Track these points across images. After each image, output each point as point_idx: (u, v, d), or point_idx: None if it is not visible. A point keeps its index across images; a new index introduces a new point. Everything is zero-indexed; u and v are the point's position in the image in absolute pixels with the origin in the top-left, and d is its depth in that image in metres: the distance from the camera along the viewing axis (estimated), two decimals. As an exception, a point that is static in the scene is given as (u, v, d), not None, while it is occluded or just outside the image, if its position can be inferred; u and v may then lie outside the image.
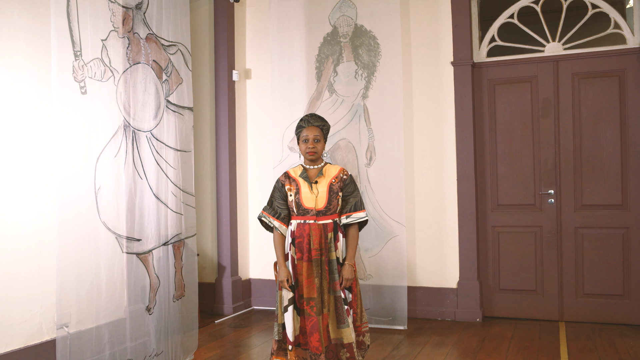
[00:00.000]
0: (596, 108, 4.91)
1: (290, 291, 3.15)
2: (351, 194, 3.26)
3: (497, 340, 4.47)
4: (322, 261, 3.15)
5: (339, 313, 3.14)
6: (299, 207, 3.17)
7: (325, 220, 3.18)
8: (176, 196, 4.20)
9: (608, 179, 4.87)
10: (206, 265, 5.69)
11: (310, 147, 3.18)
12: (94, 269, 3.62)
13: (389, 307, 4.99)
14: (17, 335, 3.51)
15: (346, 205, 3.25)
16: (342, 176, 3.25)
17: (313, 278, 3.12)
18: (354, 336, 3.16)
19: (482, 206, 5.21)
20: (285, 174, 3.30)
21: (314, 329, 3.07)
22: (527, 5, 5.10)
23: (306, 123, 3.22)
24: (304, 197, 3.17)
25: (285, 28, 5.47)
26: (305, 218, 3.17)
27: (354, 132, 5.20)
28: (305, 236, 3.14)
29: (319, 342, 3.05)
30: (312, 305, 3.10)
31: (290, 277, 3.16)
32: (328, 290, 3.15)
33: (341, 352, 3.15)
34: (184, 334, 4.22)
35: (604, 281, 4.88)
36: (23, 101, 3.59)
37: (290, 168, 3.35)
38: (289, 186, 3.22)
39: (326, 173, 3.24)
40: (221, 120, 5.63)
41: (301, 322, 3.16)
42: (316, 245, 3.13)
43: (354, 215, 3.24)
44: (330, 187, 3.19)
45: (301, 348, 3.17)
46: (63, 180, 3.46)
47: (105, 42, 3.79)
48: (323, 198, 3.17)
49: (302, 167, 3.27)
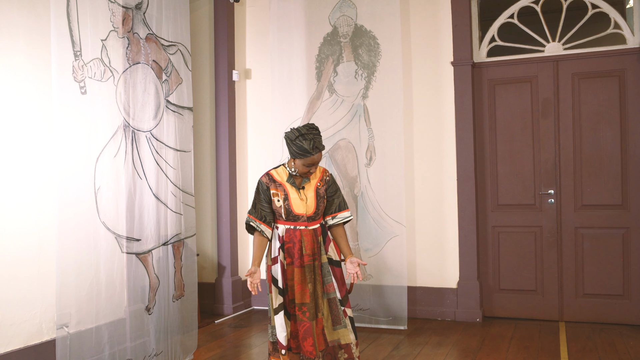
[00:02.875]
0: (596, 108, 4.91)
1: (251, 275, 3.04)
2: (334, 194, 3.23)
3: (497, 340, 4.47)
4: (315, 266, 3.13)
5: (334, 314, 3.13)
6: (289, 213, 3.11)
7: (314, 225, 3.16)
8: (176, 196, 4.20)
9: (608, 179, 4.87)
10: (206, 265, 5.68)
11: (312, 171, 3.11)
12: (93, 269, 3.63)
13: (389, 307, 4.99)
14: (17, 335, 3.51)
15: (331, 206, 3.22)
16: (326, 178, 3.22)
17: (306, 284, 3.09)
18: (352, 337, 3.14)
19: (482, 206, 5.21)
20: (269, 177, 3.16)
21: (307, 333, 3.04)
22: (527, 5, 5.10)
23: (315, 151, 3.02)
24: (294, 204, 3.10)
25: (285, 28, 5.47)
26: (295, 224, 3.13)
27: (354, 132, 5.20)
28: (296, 242, 3.11)
29: (312, 347, 3.03)
30: (305, 311, 3.07)
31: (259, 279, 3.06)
32: (322, 295, 3.14)
33: (339, 354, 3.14)
34: (184, 334, 4.22)
35: (603, 281, 4.88)
36: (23, 101, 3.59)
37: (273, 169, 3.23)
38: (275, 190, 3.13)
39: (311, 177, 3.18)
40: (221, 120, 5.63)
41: (292, 327, 3.13)
42: (309, 251, 3.11)
43: (339, 216, 3.23)
44: (317, 191, 3.16)
45: (292, 352, 3.15)
46: (63, 180, 3.46)
47: (105, 42, 3.79)
48: (312, 204, 3.13)
49: (287, 172, 3.17)
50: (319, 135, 3.08)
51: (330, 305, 3.14)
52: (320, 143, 3.05)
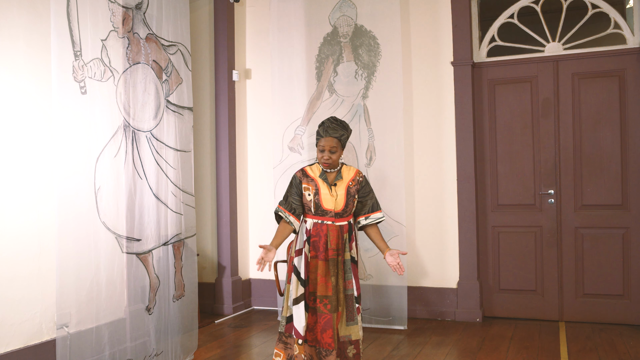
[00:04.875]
0: (596, 108, 4.91)
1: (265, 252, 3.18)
2: (368, 196, 3.36)
3: (497, 340, 4.47)
4: (339, 261, 3.24)
5: (350, 311, 3.24)
6: (318, 207, 3.24)
7: (342, 222, 3.26)
8: (176, 196, 4.20)
9: (608, 179, 4.87)
10: (206, 265, 5.68)
11: (326, 159, 3.23)
12: (93, 269, 3.62)
13: (389, 307, 4.99)
14: (17, 335, 3.51)
15: (364, 207, 3.36)
16: (359, 179, 3.34)
17: (329, 277, 3.20)
18: (361, 333, 3.26)
19: (482, 206, 5.21)
20: (303, 172, 3.33)
21: (328, 325, 3.16)
22: (527, 5, 5.10)
23: (324, 133, 3.22)
24: (324, 199, 3.23)
25: (285, 28, 5.47)
26: (323, 218, 3.24)
27: (354, 132, 5.20)
28: (322, 236, 3.22)
29: (331, 339, 3.14)
30: (326, 303, 3.18)
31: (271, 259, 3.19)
32: (343, 290, 3.23)
33: (348, 349, 3.23)
34: (184, 334, 4.21)
35: (603, 281, 4.88)
36: (23, 101, 3.59)
37: (307, 165, 3.39)
38: (307, 185, 3.27)
39: (344, 176, 3.31)
40: (221, 120, 5.63)
41: (309, 319, 3.21)
42: (334, 245, 3.22)
43: (372, 216, 3.36)
44: (347, 190, 3.27)
45: (307, 344, 3.21)
46: (63, 180, 3.46)
47: (105, 42, 3.79)
48: (341, 201, 3.25)
49: (320, 168, 3.32)
50: (339, 125, 3.23)
51: (347, 301, 3.25)
52: (333, 130, 3.20)
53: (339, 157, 3.27)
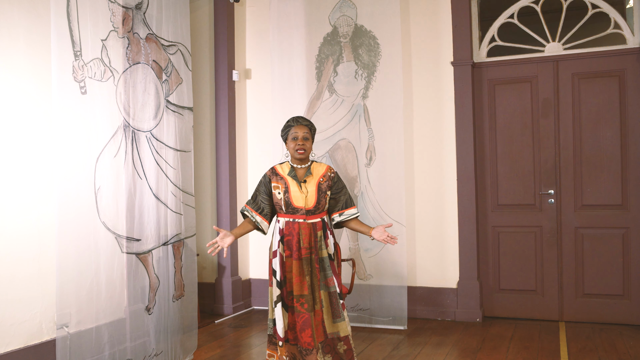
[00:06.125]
0: (596, 108, 4.91)
1: (221, 236, 3.15)
2: (341, 192, 3.33)
3: (497, 340, 4.47)
4: (312, 259, 3.21)
5: (334, 308, 3.21)
6: (289, 205, 3.21)
7: (314, 219, 3.24)
8: (176, 196, 4.20)
9: (608, 179, 4.87)
10: (206, 265, 5.69)
11: (300, 145, 3.21)
12: (93, 269, 3.63)
13: (389, 307, 4.99)
14: (17, 335, 3.51)
15: (337, 204, 3.33)
16: (330, 174, 3.31)
17: (304, 276, 3.18)
18: (349, 329, 3.24)
19: (482, 206, 5.21)
20: (273, 170, 3.32)
21: (306, 325, 3.13)
22: (527, 5, 5.10)
23: (295, 122, 3.27)
24: (294, 196, 3.21)
25: (285, 28, 5.47)
26: (294, 217, 3.22)
27: (354, 132, 5.20)
28: (294, 235, 3.20)
29: (310, 338, 3.12)
30: (303, 302, 3.16)
31: (226, 244, 3.15)
32: (320, 287, 3.21)
33: (338, 346, 3.22)
34: (184, 334, 4.22)
35: (603, 281, 4.88)
36: (23, 101, 3.59)
37: (277, 164, 3.38)
38: (276, 183, 3.26)
39: (314, 172, 3.29)
40: (221, 120, 5.63)
41: (289, 319, 3.21)
42: (306, 244, 3.20)
43: (346, 213, 3.33)
44: (318, 186, 3.24)
45: (290, 344, 3.22)
46: (63, 180, 3.46)
47: (105, 42, 3.79)
48: (312, 197, 3.22)
49: (290, 165, 3.30)
50: (305, 118, 3.33)
51: (331, 298, 3.23)
52: (303, 119, 3.27)
53: (311, 147, 3.26)
